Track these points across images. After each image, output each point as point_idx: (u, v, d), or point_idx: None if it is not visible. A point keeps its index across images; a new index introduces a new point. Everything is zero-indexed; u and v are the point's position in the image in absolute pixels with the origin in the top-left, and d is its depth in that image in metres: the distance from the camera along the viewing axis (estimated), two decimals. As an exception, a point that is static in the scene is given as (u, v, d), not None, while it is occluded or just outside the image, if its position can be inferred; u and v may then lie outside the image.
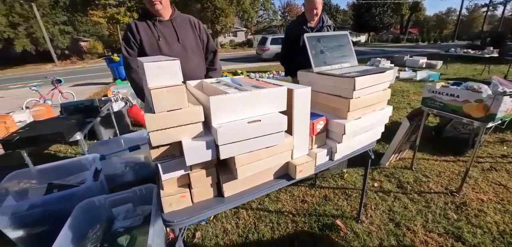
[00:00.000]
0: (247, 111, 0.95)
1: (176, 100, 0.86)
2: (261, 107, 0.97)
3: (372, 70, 1.29)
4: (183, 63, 1.71)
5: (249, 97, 0.94)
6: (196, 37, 1.81)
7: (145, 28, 1.66)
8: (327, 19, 2.47)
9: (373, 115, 1.33)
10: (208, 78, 1.91)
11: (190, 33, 1.79)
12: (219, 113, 0.90)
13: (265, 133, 0.96)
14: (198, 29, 1.84)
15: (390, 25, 36.00)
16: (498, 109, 1.72)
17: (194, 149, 0.89)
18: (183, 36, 1.73)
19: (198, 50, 1.83)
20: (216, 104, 0.88)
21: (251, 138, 0.94)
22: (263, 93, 0.96)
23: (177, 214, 0.99)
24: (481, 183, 2.27)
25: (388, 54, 13.86)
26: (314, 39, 1.41)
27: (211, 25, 25.21)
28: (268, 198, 2.19)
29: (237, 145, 0.93)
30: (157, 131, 0.86)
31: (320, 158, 1.27)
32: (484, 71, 8.33)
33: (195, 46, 1.80)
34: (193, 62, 1.78)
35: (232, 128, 0.89)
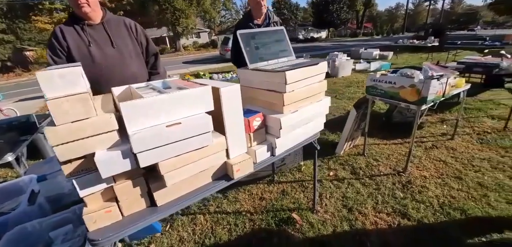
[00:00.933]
0: (169, 115, 0.89)
1: (80, 110, 0.77)
2: (184, 109, 0.91)
3: (304, 63, 1.30)
4: (121, 69, 1.56)
5: (167, 100, 0.87)
6: (133, 40, 1.66)
7: (72, 33, 1.48)
8: (274, 15, 2.48)
9: (311, 107, 1.34)
10: None
11: (126, 36, 1.63)
12: (135, 119, 0.82)
13: (189, 135, 0.91)
14: (135, 31, 1.69)
15: (347, 20, 38.21)
16: (428, 92, 1.86)
17: (108, 160, 0.81)
18: (118, 40, 1.57)
19: (137, 54, 1.68)
20: (129, 110, 0.81)
21: (173, 142, 0.89)
22: (183, 95, 0.90)
23: (104, 231, 0.89)
24: (424, 161, 2.47)
25: (346, 48, 14.63)
26: (247, 36, 1.38)
27: (172, 27, 24.35)
28: (226, 200, 2.14)
29: (158, 150, 0.87)
30: (62, 145, 0.76)
31: (260, 154, 1.25)
32: (428, 59, 9.19)
33: (132, 50, 1.65)
34: (132, 67, 1.64)
35: (150, 133, 0.83)
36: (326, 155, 2.69)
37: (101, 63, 1.52)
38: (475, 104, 3.98)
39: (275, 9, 36.61)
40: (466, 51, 9.60)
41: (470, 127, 3.20)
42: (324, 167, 2.47)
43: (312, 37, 35.15)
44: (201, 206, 2.10)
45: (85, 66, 1.45)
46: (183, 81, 1.21)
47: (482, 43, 7.71)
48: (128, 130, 0.82)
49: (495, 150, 2.60)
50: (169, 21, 24.03)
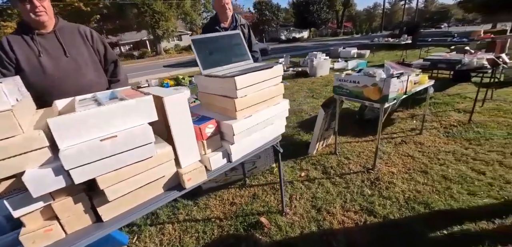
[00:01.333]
0: (103, 128, 0.84)
1: (3, 128, 0.71)
2: (122, 121, 0.87)
3: (257, 67, 1.28)
4: (76, 80, 1.47)
5: (101, 113, 0.83)
6: (88, 48, 1.57)
7: (21, 44, 1.37)
8: (240, 18, 2.45)
9: (267, 111, 1.33)
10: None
11: (80, 44, 1.54)
12: (66, 135, 0.78)
13: (128, 148, 0.87)
14: (91, 39, 1.59)
15: (328, 20, 39.06)
16: (389, 90, 1.90)
17: (38, 178, 0.77)
18: (71, 49, 1.48)
19: (94, 62, 1.59)
20: (58, 126, 0.76)
21: (110, 156, 0.84)
22: (119, 107, 0.86)
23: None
24: (393, 156, 2.52)
25: (327, 47, 14.94)
26: (201, 42, 1.35)
27: (152, 30, 23.81)
28: (196, 207, 2.08)
29: (94, 165, 0.83)
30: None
31: (216, 161, 1.22)
32: (402, 56, 9.52)
33: (89, 59, 1.56)
34: (87, 76, 1.54)
35: (82, 148, 0.79)
36: (299, 155, 2.69)
37: (53, 74, 1.42)
38: (443, 99, 4.15)
39: (256, 10, 36.77)
40: (438, 48, 10.08)
41: (437, 121, 3.32)
42: (296, 168, 2.47)
43: (294, 37, 35.63)
44: (170, 215, 2.03)
45: (36, 78, 1.37)
46: (131, 91, 1.15)
47: (450, 40, 8.08)
48: (59, 146, 0.77)
49: (459, 142, 2.71)
50: (148, 24, 23.51)
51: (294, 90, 5.73)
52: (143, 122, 0.92)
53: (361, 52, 10.95)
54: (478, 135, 2.80)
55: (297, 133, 3.32)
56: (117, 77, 1.74)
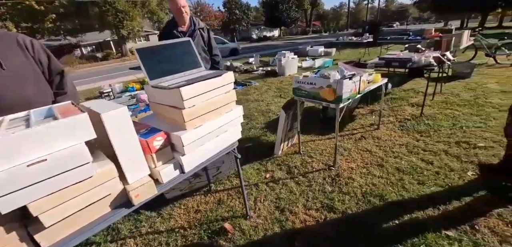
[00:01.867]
0: (36, 151, 0.77)
1: None
2: (54, 142, 0.81)
3: (206, 76, 1.27)
4: (15, 95, 1.29)
5: (28, 136, 0.76)
6: (29, 59, 1.39)
7: None
8: (199, 21, 2.40)
9: (220, 119, 1.33)
10: None
11: (19, 55, 1.36)
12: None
13: (61, 170, 0.82)
14: (32, 49, 1.41)
15: (297, 19, 40.01)
16: (342, 91, 1.99)
17: None
18: (8, 61, 1.30)
19: (36, 75, 1.43)
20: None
21: (41, 180, 0.79)
22: (50, 128, 0.79)
23: None
24: (353, 152, 2.66)
25: (296, 46, 15.29)
26: (147, 51, 1.29)
27: (116, 30, 22.49)
28: (160, 218, 2.00)
29: (23, 192, 0.76)
30: None
31: (167, 174, 1.19)
32: (365, 54, 10.09)
33: (30, 71, 1.39)
34: (29, 91, 1.38)
35: (5, 176, 0.72)
36: (265, 156, 2.72)
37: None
38: (399, 94, 4.47)
39: (226, 9, 36.47)
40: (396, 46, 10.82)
41: (394, 115, 3.57)
42: (262, 170, 2.49)
43: (265, 36, 35.98)
44: (132, 229, 1.94)
45: None
46: (70, 107, 1.07)
47: (406, 38, 8.73)
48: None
49: (412, 135, 2.93)
50: (112, 24, 22.12)
51: (263, 91, 5.79)
52: (78, 142, 0.86)
53: (328, 50, 11.39)
54: (428, 127, 3.06)
55: (264, 133, 3.36)
56: (63, 89, 1.58)
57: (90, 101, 1.18)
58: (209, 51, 2.49)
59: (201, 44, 2.36)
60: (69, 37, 25.23)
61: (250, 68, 9.13)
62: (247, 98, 5.24)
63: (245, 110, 4.43)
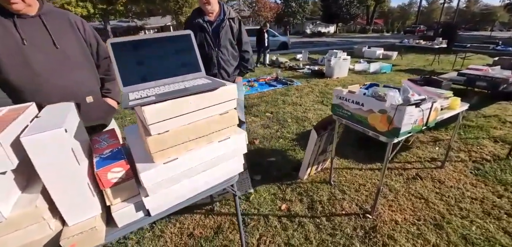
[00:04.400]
0: None
1: None
2: None
3: (193, 89, 0.89)
4: (64, 77, 1.23)
5: None
6: (80, 40, 1.31)
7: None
8: (230, 10, 2.06)
9: (210, 149, 0.96)
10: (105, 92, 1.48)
11: (71, 35, 1.27)
12: None
13: None
14: (83, 30, 1.33)
15: (357, 16, 36.95)
16: (402, 123, 1.42)
17: None
18: (61, 40, 1.21)
19: (86, 57, 1.34)
20: None
21: None
22: None
23: None
24: (402, 196, 2.03)
25: (354, 44, 13.94)
26: (126, 46, 0.96)
27: (175, 16, 23.89)
28: (150, 233, 1.77)
29: None
30: None
31: (124, 217, 0.89)
32: (434, 62, 8.56)
33: (80, 53, 1.30)
34: (79, 74, 1.29)
35: None
36: (287, 178, 2.28)
37: (41, 68, 1.16)
38: (477, 121, 3.47)
39: (282, 1, 35.63)
40: (477, 56, 8.94)
41: (466, 151, 2.73)
42: (278, 196, 2.06)
43: (319, 31, 34.21)
44: (120, 240, 1.74)
45: (16, 73, 1.12)
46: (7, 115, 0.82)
47: (493, 48, 7.03)
48: None
49: (491, 185, 2.14)
50: (172, 10, 23.57)
51: (304, 93, 5.23)
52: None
53: (387, 53, 10.03)
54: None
55: (293, 147, 2.89)
56: (111, 75, 1.50)
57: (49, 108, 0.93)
58: (239, 46, 2.15)
59: (229, 37, 2.03)
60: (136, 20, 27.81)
61: (296, 65, 8.55)
62: (284, 100, 4.78)
63: (279, 114, 4.00)
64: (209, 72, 2.03)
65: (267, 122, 3.70)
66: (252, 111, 4.24)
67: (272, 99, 4.89)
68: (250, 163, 2.51)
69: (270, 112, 4.17)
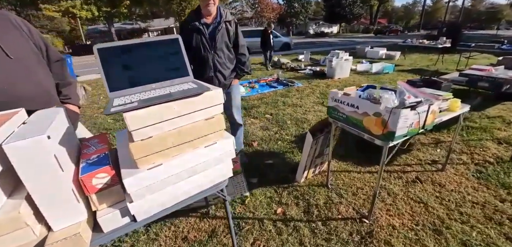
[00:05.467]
0: None
1: None
2: None
3: (177, 94, 0.88)
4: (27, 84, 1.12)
5: None
6: (28, 42, 1.16)
7: None
8: (227, 13, 2.05)
9: (194, 155, 0.95)
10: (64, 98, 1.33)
11: (18, 38, 1.12)
12: None
13: None
14: (28, 31, 1.18)
15: (360, 15, 36.75)
16: (397, 126, 1.39)
17: None
18: (11, 47, 1.06)
19: (39, 61, 1.20)
20: None
21: None
22: None
23: None
24: (400, 200, 1.99)
25: (357, 45, 13.84)
26: (112, 52, 0.96)
27: (178, 18, 24.04)
28: (145, 236, 1.76)
29: None
30: None
31: (110, 222, 0.89)
32: (438, 61, 8.45)
33: (33, 57, 1.17)
34: (36, 79, 1.16)
35: None
36: (284, 181, 2.25)
37: None
38: (480, 123, 3.40)
39: (285, 2, 35.61)
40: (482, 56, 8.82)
41: (469, 153, 2.67)
42: (274, 200, 2.04)
43: (322, 32, 34.09)
44: (115, 242, 1.73)
45: None
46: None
47: (498, 47, 6.90)
48: None
49: (493, 189, 2.09)
50: (175, 12, 23.72)
51: (305, 94, 5.20)
52: None
53: (390, 53, 9.93)
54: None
55: (291, 150, 2.87)
56: (66, 79, 1.36)
57: (38, 113, 0.92)
58: (235, 49, 2.13)
59: (225, 40, 2.02)
60: (140, 23, 28.08)
61: (297, 66, 8.52)
62: (284, 101, 4.76)
63: (279, 115, 3.98)
64: (204, 75, 2.02)
65: (266, 124, 3.68)
66: (251, 113, 4.23)
67: (272, 100, 4.87)
68: (247, 166, 2.49)
69: (270, 114, 4.15)
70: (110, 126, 3.93)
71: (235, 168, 1.86)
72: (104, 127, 3.91)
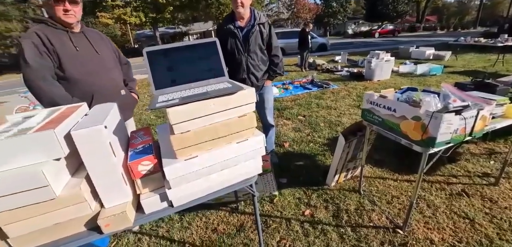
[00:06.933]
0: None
1: None
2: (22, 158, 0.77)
3: (214, 92, 0.96)
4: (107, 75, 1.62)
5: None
6: (110, 50, 1.72)
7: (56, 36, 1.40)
8: (261, 16, 2.11)
9: (226, 150, 1.03)
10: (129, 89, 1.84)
11: (106, 46, 1.68)
12: None
13: (16, 190, 0.75)
14: (110, 43, 1.76)
15: (405, 13, 34.06)
16: (438, 131, 1.30)
17: None
18: (100, 49, 1.60)
19: (116, 62, 1.75)
20: None
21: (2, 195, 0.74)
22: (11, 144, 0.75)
23: None
24: (441, 214, 1.84)
25: (400, 44, 12.92)
26: (159, 53, 1.10)
27: (217, 21, 25.00)
28: (179, 224, 1.91)
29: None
30: None
31: (151, 205, 1.01)
32: (498, 62, 7.48)
33: (112, 59, 1.71)
34: (115, 74, 1.69)
35: None
36: (313, 184, 2.24)
37: (90, 68, 1.52)
38: (548, 133, 2.95)
39: (322, 2, 34.70)
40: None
41: (530, 166, 2.35)
42: (303, 201, 2.04)
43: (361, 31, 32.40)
44: (153, 226, 1.92)
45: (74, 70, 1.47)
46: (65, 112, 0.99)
47: None
48: None
49: (560, 209, 1.81)
50: (214, 16, 24.73)
51: (340, 96, 5.04)
52: (45, 160, 0.79)
53: (439, 53, 9.06)
54: None
55: (323, 152, 2.82)
56: (131, 77, 1.93)
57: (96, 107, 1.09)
58: (269, 50, 2.19)
59: (258, 42, 2.09)
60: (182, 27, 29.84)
61: (333, 68, 8.28)
62: (318, 103, 4.67)
63: (312, 117, 3.93)
64: (238, 76, 2.10)
65: (299, 126, 3.67)
66: (284, 114, 4.24)
67: (305, 102, 4.82)
68: (277, 166, 2.52)
69: (303, 115, 4.12)
70: (153, 121, 4.30)
71: (265, 166, 1.92)
72: (147, 122, 4.29)
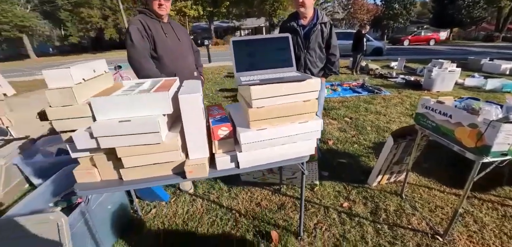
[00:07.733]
0: (129, 112, 1.09)
1: (65, 98, 1.04)
2: (141, 109, 1.10)
3: (285, 78, 1.19)
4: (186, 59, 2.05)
5: (126, 100, 1.07)
6: (188, 38, 2.13)
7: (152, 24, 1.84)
8: (323, 15, 2.27)
9: (291, 127, 1.26)
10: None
11: (184, 35, 2.07)
12: (100, 111, 1.07)
13: (138, 131, 1.06)
14: (186, 33, 2.14)
15: (482, 19, 29.58)
16: (494, 140, 1.32)
17: (79, 137, 1.07)
18: (180, 37, 2.01)
19: (190, 49, 2.15)
20: (97, 104, 1.06)
21: (125, 134, 1.06)
22: (140, 98, 1.08)
23: (85, 185, 1.22)
24: (489, 231, 1.78)
25: (466, 55, 11.55)
26: (242, 43, 1.40)
27: (269, 18, 25.38)
28: (228, 194, 2.21)
29: (113, 139, 1.07)
30: (57, 121, 1.08)
31: (222, 163, 1.29)
32: None
33: (189, 46, 2.12)
34: (190, 59, 2.11)
35: (106, 124, 1.04)
36: (354, 181, 2.33)
37: (174, 51, 1.94)
38: None
39: (383, 2, 32.28)
40: None
41: None
42: (342, 194, 2.16)
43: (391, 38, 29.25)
44: (206, 191, 2.26)
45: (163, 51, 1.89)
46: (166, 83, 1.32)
47: None
48: (96, 118, 1.07)
49: None
50: (267, 12, 25.19)
51: (392, 104, 4.85)
52: (157, 113, 1.11)
53: (520, 69, 7.85)
54: None
55: (367, 154, 2.85)
56: (200, 63, 2.31)
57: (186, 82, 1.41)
58: (327, 48, 2.34)
59: (318, 40, 2.25)
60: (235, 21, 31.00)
61: (388, 73, 7.85)
62: (367, 108, 4.59)
63: (359, 120, 3.92)
64: (295, 70, 2.30)
65: (344, 127, 3.71)
66: (330, 114, 4.30)
67: (353, 105, 4.78)
68: (320, 160, 2.66)
69: (350, 117, 4.12)
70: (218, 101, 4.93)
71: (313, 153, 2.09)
72: (211, 103, 4.81)
